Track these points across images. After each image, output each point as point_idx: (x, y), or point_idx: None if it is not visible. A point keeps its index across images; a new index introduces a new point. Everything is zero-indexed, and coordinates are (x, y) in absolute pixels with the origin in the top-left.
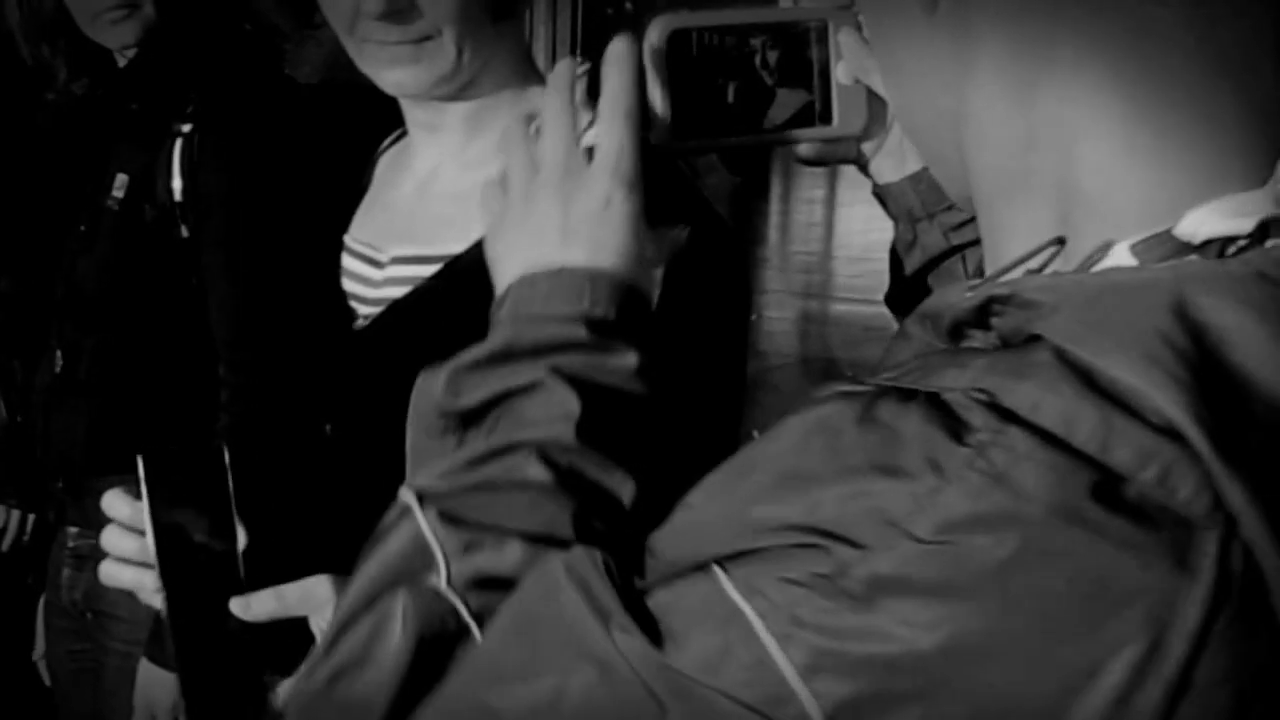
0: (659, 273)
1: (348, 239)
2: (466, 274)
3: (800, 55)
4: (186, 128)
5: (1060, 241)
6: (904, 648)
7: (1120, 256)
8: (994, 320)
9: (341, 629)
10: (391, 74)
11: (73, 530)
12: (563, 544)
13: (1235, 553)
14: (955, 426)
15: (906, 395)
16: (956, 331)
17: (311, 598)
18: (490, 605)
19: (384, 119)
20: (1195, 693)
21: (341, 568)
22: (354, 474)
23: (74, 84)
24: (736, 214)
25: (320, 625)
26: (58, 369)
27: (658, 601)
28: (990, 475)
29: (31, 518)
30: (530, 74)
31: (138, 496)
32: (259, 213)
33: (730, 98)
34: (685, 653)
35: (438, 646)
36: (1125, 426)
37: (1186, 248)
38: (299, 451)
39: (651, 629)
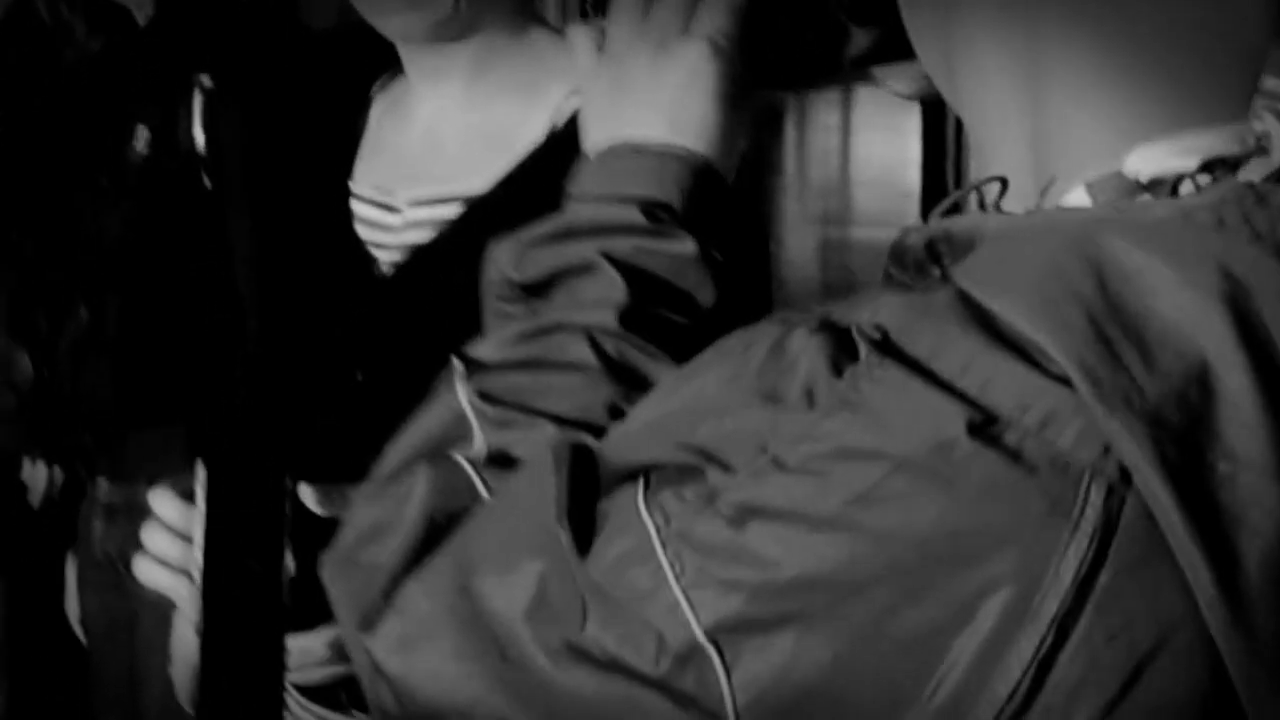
0: (740, 150)
1: (354, 186)
2: (489, 211)
3: None
4: (206, 79)
5: (1002, 180)
6: (768, 575)
7: (1078, 196)
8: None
9: (370, 493)
10: (392, 20)
11: (104, 483)
12: (598, 431)
13: (1128, 506)
14: (840, 359)
15: (825, 327)
16: (920, 269)
17: None
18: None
19: (384, 63)
20: (1074, 648)
21: None
22: (387, 422)
23: (91, 41)
24: (752, 142)
25: None
26: (84, 324)
27: (601, 505)
28: (857, 407)
29: (59, 473)
30: (531, 15)
31: (188, 498)
32: (276, 162)
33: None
34: (601, 559)
35: (450, 519)
36: (1011, 369)
37: (1137, 187)
38: (332, 401)
39: (589, 530)
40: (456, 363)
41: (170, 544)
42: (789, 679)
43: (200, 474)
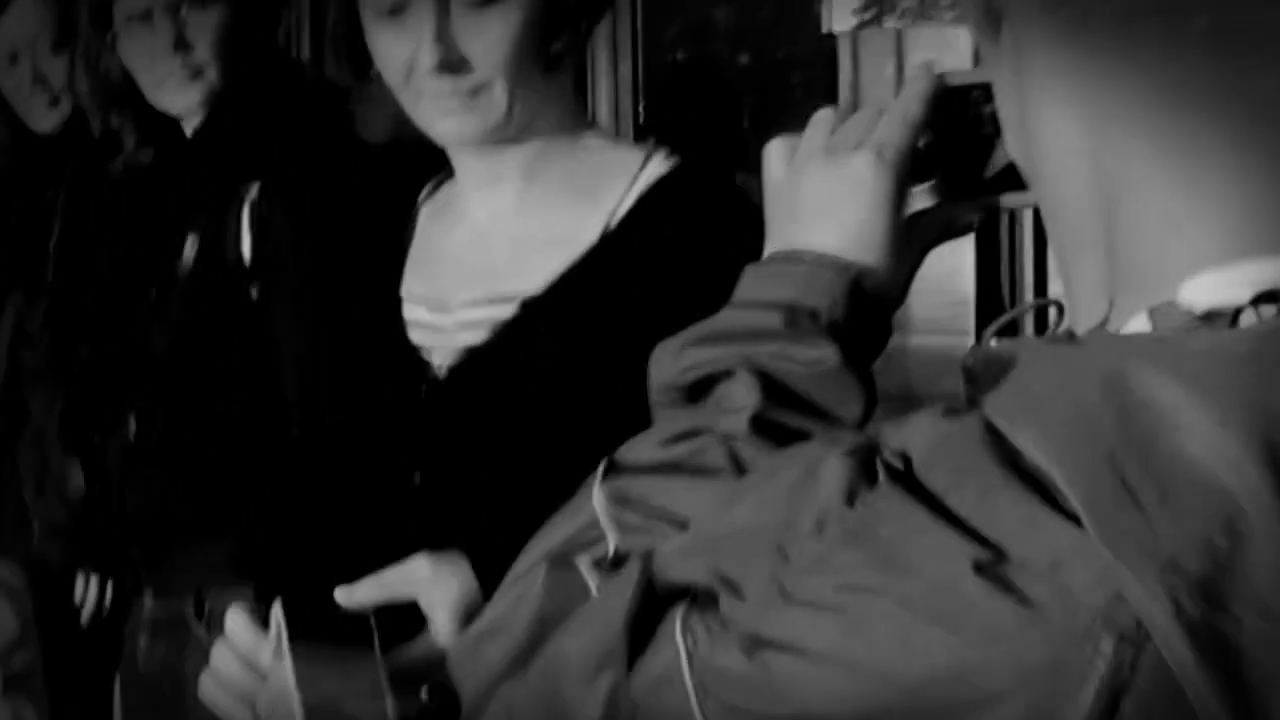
0: (909, 262)
1: (405, 292)
2: (543, 311)
3: None
4: (254, 190)
5: (1058, 305)
6: (775, 708)
7: (1140, 323)
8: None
9: (504, 589)
10: (445, 124)
11: (149, 598)
12: None
13: (1145, 658)
14: (859, 487)
15: (858, 452)
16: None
17: (410, 578)
18: None
19: (429, 171)
20: None
21: None
22: (446, 522)
23: (141, 152)
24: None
25: (427, 604)
26: (132, 436)
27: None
28: (865, 541)
29: (110, 586)
30: (582, 120)
31: (262, 624)
32: (327, 271)
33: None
34: (644, 676)
35: (559, 623)
36: (1026, 506)
37: (1194, 317)
38: (390, 503)
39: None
40: (604, 463)
41: (238, 669)
42: None
43: (279, 617)
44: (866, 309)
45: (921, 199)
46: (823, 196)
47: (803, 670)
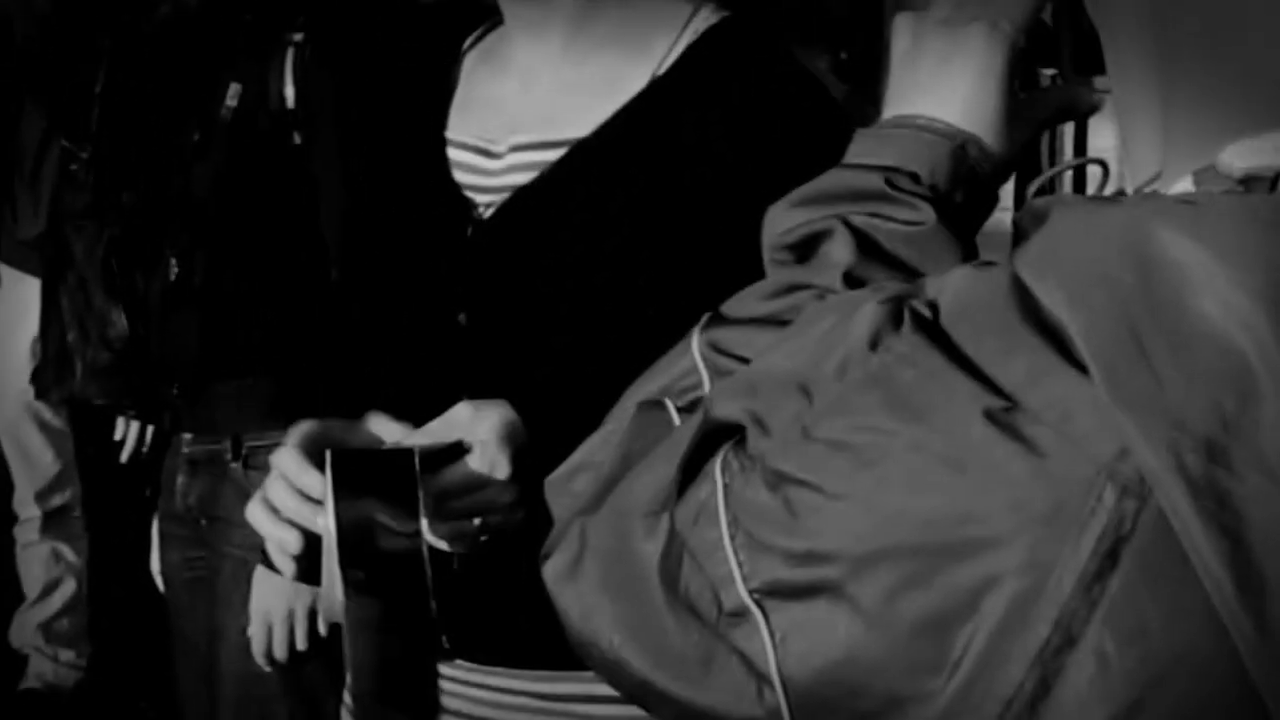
0: (1020, 137)
1: (449, 135)
2: (593, 156)
3: None
4: (298, 37)
5: (1102, 164)
6: (795, 542)
7: (1184, 186)
8: None
9: (601, 428)
10: None
11: (187, 436)
12: None
13: (1146, 511)
14: (884, 333)
15: (894, 300)
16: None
17: (454, 423)
18: None
19: (476, 20)
20: (1084, 652)
21: None
22: (491, 363)
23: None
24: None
25: (473, 442)
26: (172, 277)
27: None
28: (883, 385)
29: (150, 429)
30: None
31: (315, 464)
32: (370, 116)
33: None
34: (687, 510)
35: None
36: (1041, 357)
37: (1234, 182)
38: (434, 344)
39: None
40: (708, 314)
41: (288, 496)
42: (822, 650)
43: (329, 462)
44: (969, 177)
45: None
46: (936, 67)
47: (818, 505)
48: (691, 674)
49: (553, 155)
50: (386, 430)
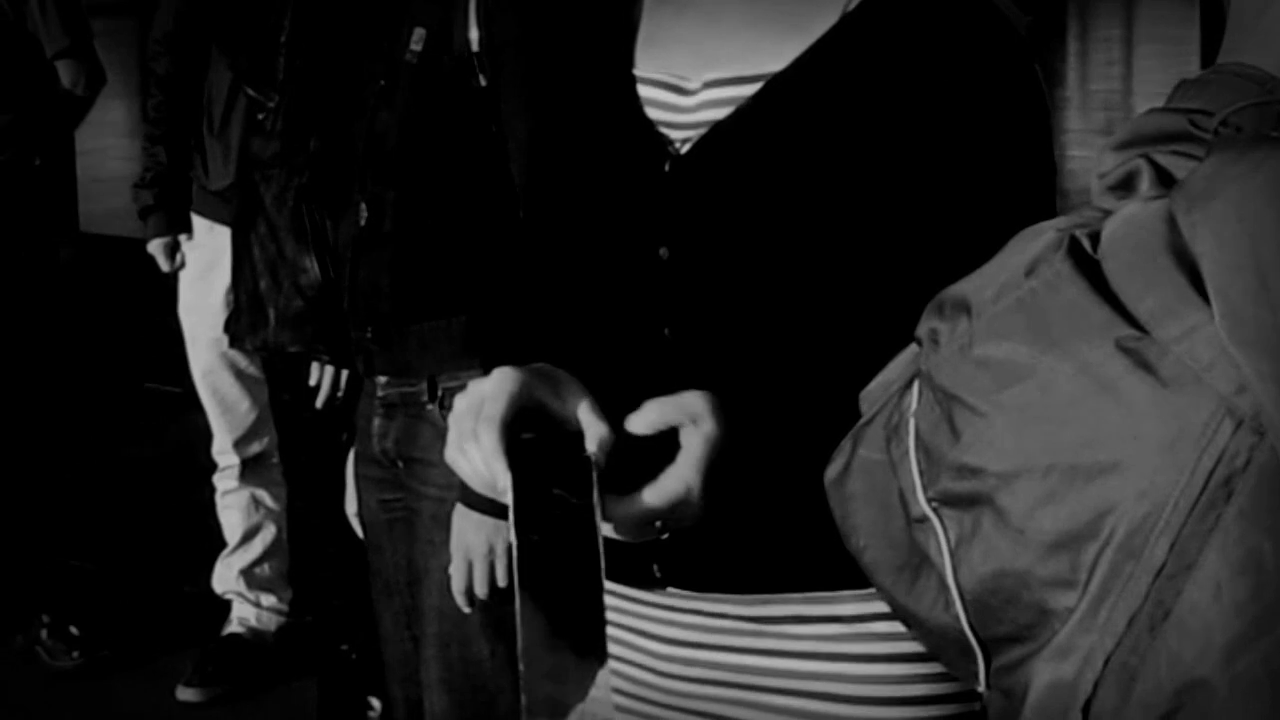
0: None
1: (638, 72)
2: (789, 90)
3: None
4: None
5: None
6: (954, 455)
7: None
8: None
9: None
10: None
11: (382, 379)
12: None
13: (1260, 450)
14: (1041, 260)
15: (1068, 229)
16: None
17: (686, 408)
18: None
19: None
20: (1200, 579)
21: None
22: (691, 296)
23: None
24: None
25: (694, 437)
26: (363, 222)
27: None
28: (1028, 310)
29: (345, 374)
30: None
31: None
32: (556, 56)
33: None
34: (899, 414)
35: None
36: (1177, 290)
37: None
38: (633, 280)
39: None
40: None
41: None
42: (984, 559)
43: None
44: (1276, 123)
45: None
46: (1257, 14)
47: (970, 420)
48: (905, 580)
49: (747, 90)
50: (572, 397)
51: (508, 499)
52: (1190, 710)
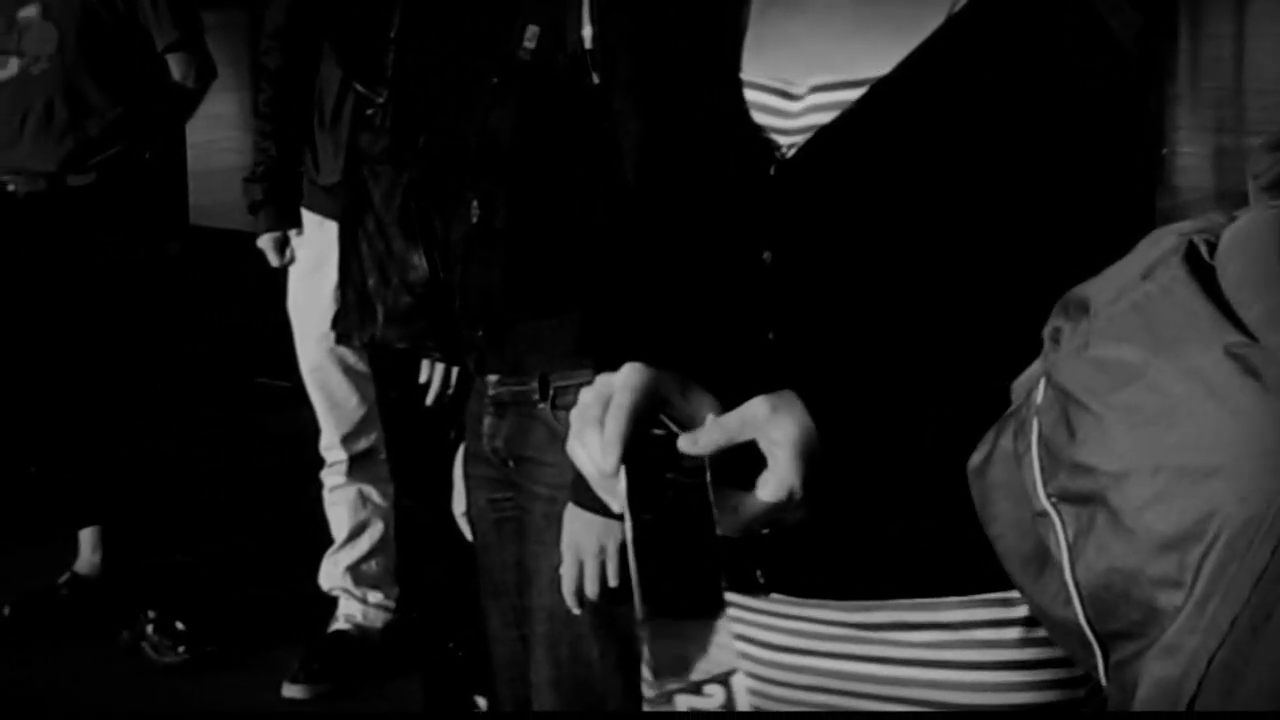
0: None
1: (745, 76)
2: (895, 94)
3: None
4: None
5: None
6: (1068, 453)
7: None
8: None
9: None
10: None
11: (493, 378)
12: None
13: None
14: (1159, 264)
15: (1190, 234)
16: None
17: (752, 421)
18: None
19: None
20: None
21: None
22: (797, 299)
23: None
24: (1144, 51)
25: (767, 445)
26: (474, 220)
27: None
28: (1140, 311)
29: (455, 371)
30: None
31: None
32: (667, 56)
33: None
34: (1026, 409)
35: None
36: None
37: None
38: (738, 283)
39: None
40: None
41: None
42: (1099, 555)
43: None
44: None
45: None
46: None
47: (1084, 419)
48: (1032, 572)
49: (853, 94)
50: (698, 400)
51: (621, 484)
52: None
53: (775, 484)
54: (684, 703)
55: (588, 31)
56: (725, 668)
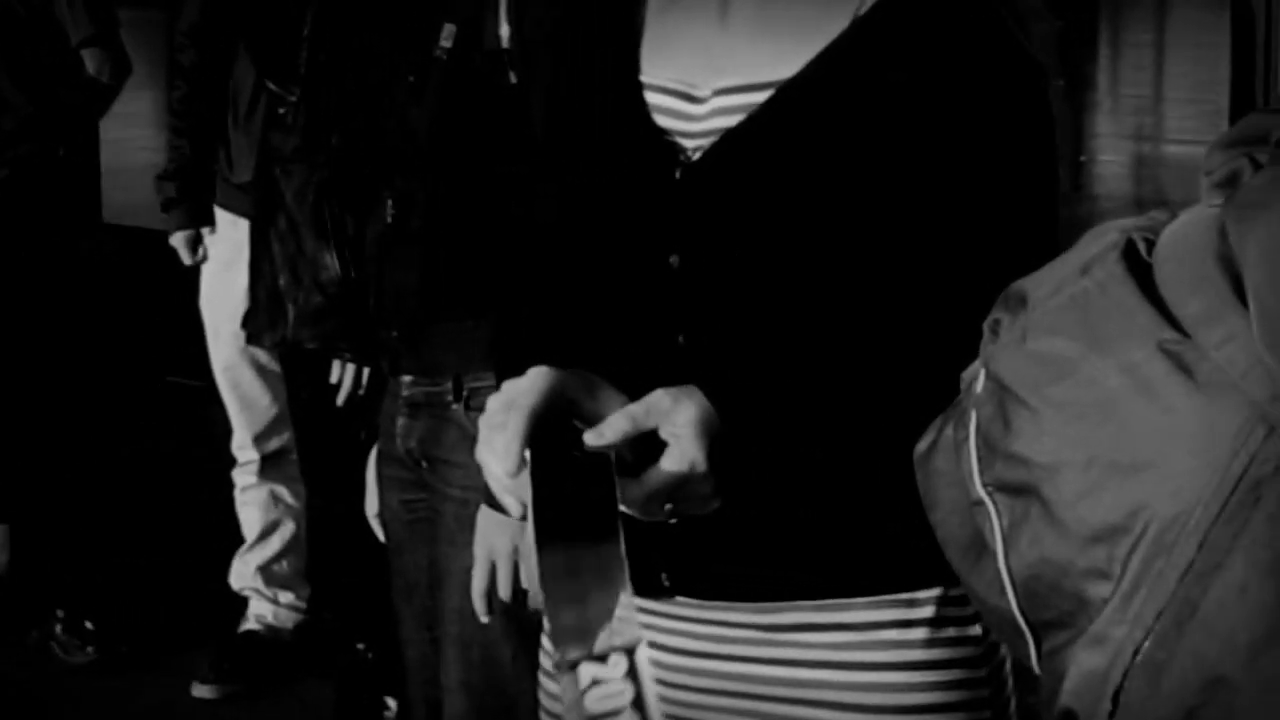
0: None
1: (645, 79)
2: (800, 97)
3: None
4: None
5: None
6: (1003, 443)
7: None
8: None
9: None
10: None
11: (407, 379)
12: None
13: None
14: (1096, 260)
15: (1138, 230)
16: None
17: (656, 408)
18: None
19: None
20: (1226, 581)
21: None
22: (703, 302)
23: None
24: (1064, 59)
25: (669, 430)
26: (389, 219)
27: None
28: (1078, 307)
29: (366, 371)
30: None
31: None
32: (570, 55)
33: None
34: (965, 398)
35: None
36: (1220, 295)
37: None
38: (645, 287)
39: None
40: None
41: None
42: (1031, 545)
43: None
44: None
45: None
46: None
47: (1019, 411)
48: (970, 560)
49: (759, 98)
50: (606, 399)
51: (525, 480)
52: (1214, 707)
53: (678, 455)
54: (587, 672)
55: (505, 30)
56: (629, 639)
